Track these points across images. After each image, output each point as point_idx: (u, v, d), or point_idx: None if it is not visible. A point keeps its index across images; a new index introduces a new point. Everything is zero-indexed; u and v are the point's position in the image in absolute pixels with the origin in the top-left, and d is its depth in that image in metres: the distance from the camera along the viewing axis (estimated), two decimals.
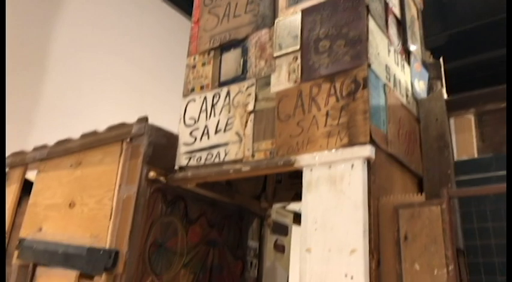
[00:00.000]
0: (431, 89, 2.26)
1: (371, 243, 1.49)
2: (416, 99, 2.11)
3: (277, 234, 2.79)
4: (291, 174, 2.64)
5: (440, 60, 2.36)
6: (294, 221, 2.90)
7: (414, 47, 2.21)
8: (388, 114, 1.78)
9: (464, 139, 2.00)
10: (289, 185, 2.75)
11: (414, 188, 1.92)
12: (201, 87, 2.21)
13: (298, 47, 1.91)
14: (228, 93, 2.08)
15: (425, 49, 2.42)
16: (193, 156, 2.08)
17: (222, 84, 2.14)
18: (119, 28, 4.96)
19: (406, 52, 2.15)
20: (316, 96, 1.78)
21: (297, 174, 1.76)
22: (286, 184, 2.77)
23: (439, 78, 2.29)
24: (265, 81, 1.97)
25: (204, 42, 2.29)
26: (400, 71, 2.02)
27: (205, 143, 2.06)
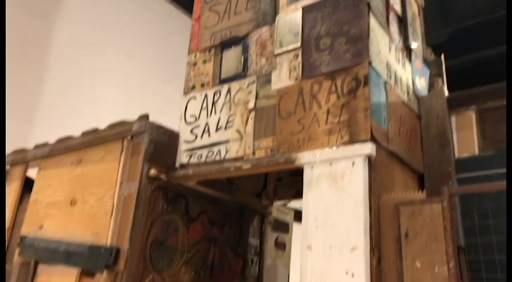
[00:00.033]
0: (432, 86, 2.25)
1: (372, 241, 1.49)
2: (417, 97, 2.11)
3: (278, 232, 2.80)
4: (292, 172, 2.64)
5: (442, 57, 2.35)
6: (294, 219, 2.91)
7: (415, 44, 2.21)
8: (389, 111, 1.78)
9: (465, 136, 2.00)
10: (289, 183, 2.75)
11: (415, 185, 1.92)
12: (202, 85, 2.21)
13: (299, 45, 1.90)
14: (228, 90, 2.08)
15: (427, 46, 2.42)
16: (194, 154, 2.08)
17: (222, 81, 2.14)
18: (119, 26, 4.96)
19: (407, 49, 2.15)
20: (317, 93, 1.78)
21: (297, 172, 1.76)
22: (287, 182, 2.77)
23: (440, 76, 2.29)
24: (266, 79, 1.97)
25: (204, 40, 2.29)
26: (401, 68, 2.02)
27: (206, 140, 2.06)
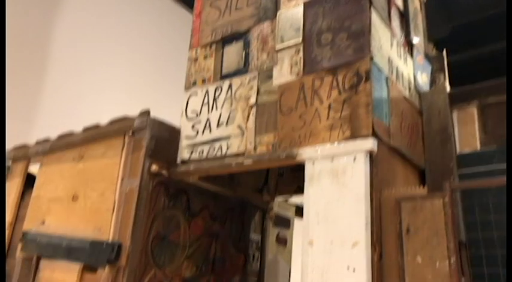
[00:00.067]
0: (434, 81, 2.25)
1: (373, 236, 1.49)
2: (418, 92, 2.10)
3: (279, 227, 2.80)
4: (293, 168, 2.65)
5: (443, 52, 2.34)
6: (296, 214, 2.91)
7: (417, 40, 2.20)
8: (390, 107, 1.78)
9: (467, 132, 1.99)
10: (291, 178, 2.75)
11: (416, 180, 1.92)
12: (203, 81, 2.20)
13: (300, 40, 1.90)
14: (230, 86, 2.08)
15: (428, 41, 2.41)
16: (196, 150, 2.08)
17: (224, 77, 2.14)
18: (120, 22, 4.95)
19: (409, 44, 2.14)
20: (318, 89, 1.77)
21: (299, 167, 1.76)
22: (288, 177, 2.77)
23: (442, 71, 2.28)
24: (267, 74, 1.96)
25: (205, 35, 2.29)
26: (402, 63, 2.01)
27: (207, 136, 2.06)
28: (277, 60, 1.95)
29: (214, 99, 2.11)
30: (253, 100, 1.96)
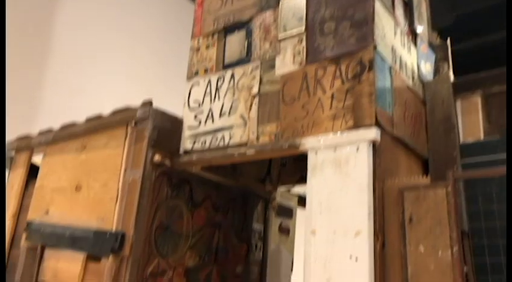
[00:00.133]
0: (437, 71, 2.23)
1: (376, 226, 1.50)
2: (422, 82, 2.09)
3: (281, 217, 2.81)
4: (296, 158, 2.64)
5: (447, 41, 2.32)
6: (298, 204, 2.92)
7: (421, 28, 2.18)
8: (393, 96, 1.77)
9: (470, 121, 1.98)
10: (293, 168, 2.75)
11: (419, 170, 1.92)
12: (205, 70, 2.19)
13: (303, 29, 1.88)
14: (232, 76, 2.07)
15: (432, 30, 2.39)
16: (198, 140, 2.08)
17: (226, 67, 2.12)
18: (121, 12, 4.92)
19: (413, 33, 2.12)
20: (321, 78, 1.76)
21: (301, 157, 1.76)
22: (291, 167, 2.77)
23: (446, 60, 2.26)
24: (269, 64, 1.95)
25: (208, 25, 2.27)
26: (406, 52, 2.00)
27: (210, 126, 2.06)
28: (279, 49, 1.94)
29: (217, 89, 2.10)
30: (255, 90, 1.95)
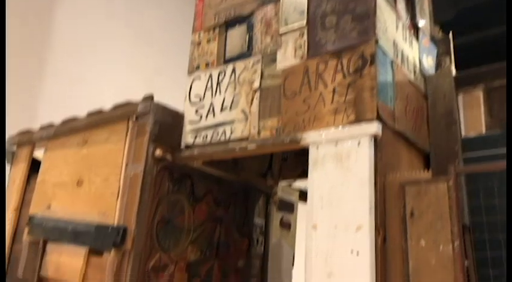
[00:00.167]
0: (439, 65, 2.22)
1: (377, 220, 1.50)
2: (424, 76, 2.08)
3: (283, 212, 2.81)
4: (297, 152, 2.64)
5: (449, 35, 2.31)
6: (299, 199, 2.92)
7: (423, 22, 2.17)
8: (395, 90, 1.76)
9: (472, 115, 1.98)
10: (295, 163, 2.75)
11: (421, 164, 1.92)
12: (206, 65, 2.19)
13: (304, 23, 1.87)
14: (233, 70, 2.06)
15: (434, 24, 2.37)
16: (199, 135, 2.08)
17: (227, 61, 2.12)
18: (122, 5, 4.90)
19: (415, 27, 2.11)
20: (322, 72, 1.76)
21: (303, 152, 1.76)
22: (292, 162, 2.77)
23: (448, 54, 2.25)
24: (271, 58, 1.95)
25: (208, 19, 2.26)
26: (408, 46, 1.99)
27: (211, 121, 2.06)
28: (281, 43, 1.93)
29: (218, 84, 2.10)
30: (256, 84, 1.95)
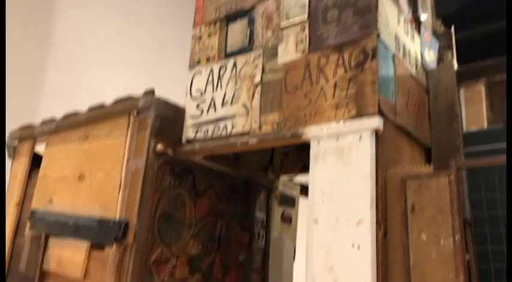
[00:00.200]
0: (441, 59, 2.21)
1: (378, 214, 1.50)
2: (425, 70, 2.08)
3: (284, 206, 2.82)
4: (298, 147, 2.64)
5: (451, 29, 2.30)
6: (300, 193, 2.92)
7: (425, 16, 2.16)
8: (397, 85, 1.76)
9: (474, 110, 1.97)
10: (296, 157, 2.75)
11: (422, 159, 1.92)
12: (207, 59, 2.18)
13: (305, 17, 1.87)
14: (234, 64, 2.06)
15: (436, 18, 2.36)
16: (201, 129, 2.08)
17: (228, 55, 2.11)
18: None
19: (416, 21, 2.10)
20: (324, 67, 1.75)
21: (304, 147, 1.76)
22: (293, 156, 2.77)
23: (450, 48, 2.24)
24: (272, 52, 1.94)
25: (209, 13, 2.25)
26: (409, 40, 1.98)
27: (212, 115, 2.06)
28: (282, 37, 1.92)
29: (219, 78, 2.09)
30: (258, 79, 1.94)
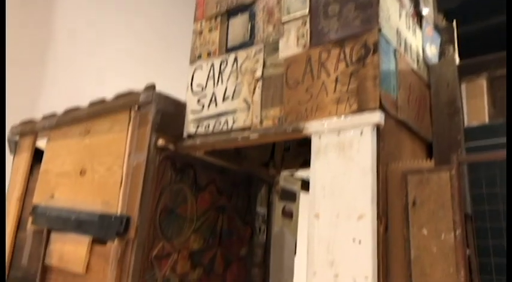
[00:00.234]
0: (443, 53, 2.21)
1: (379, 209, 1.50)
2: (427, 65, 2.07)
3: (285, 201, 2.82)
4: (299, 141, 2.64)
5: (453, 24, 2.29)
6: (301, 188, 2.93)
7: (426, 10, 2.15)
8: (398, 79, 1.75)
9: (475, 104, 1.97)
10: (297, 152, 2.75)
11: (423, 154, 1.92)
12: (208, 54, 2.18)
13: (307, 11, 1.86)
14: (235, 59, 2.05)
15: (438, 12, 2.35)
16: (202, 124, 2.08)
17: (229, 50, 2.11)
18: None
19: (418, 15, 2.09)
20: (325, 61, 1.75)
21: (305, 141, 1.76)
22: (294, 151, 2.77)
23: (451, 43, 2.24)
24: (273, 47, 1.94)
25: (210, 8, 2.25)
26: (411, 35, 1.97)
27: (213, 110, 2.06)
28: (283, 32, 1.92)
29: (220, 73, 2.09)
30: (259, 73, 1.94)
